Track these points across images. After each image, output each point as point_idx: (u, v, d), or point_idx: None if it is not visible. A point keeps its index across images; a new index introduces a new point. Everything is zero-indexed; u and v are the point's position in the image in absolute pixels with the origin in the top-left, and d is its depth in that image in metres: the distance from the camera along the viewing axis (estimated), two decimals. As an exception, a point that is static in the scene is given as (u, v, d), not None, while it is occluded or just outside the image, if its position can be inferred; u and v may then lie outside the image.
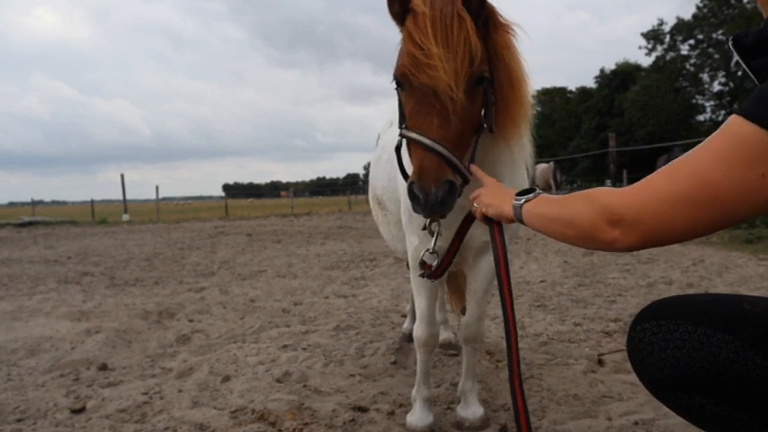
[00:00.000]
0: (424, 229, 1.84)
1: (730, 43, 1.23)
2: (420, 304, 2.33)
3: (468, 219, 1.91)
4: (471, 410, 2.43)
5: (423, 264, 1.85)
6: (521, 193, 1.50)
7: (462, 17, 1.55)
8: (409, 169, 1.65)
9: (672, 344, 1.32)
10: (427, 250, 1.84)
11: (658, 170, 1.19)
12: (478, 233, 2.20)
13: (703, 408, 1.30)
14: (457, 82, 1.51)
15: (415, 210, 1.58)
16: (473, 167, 1.67)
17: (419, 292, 2.31)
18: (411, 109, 1.59)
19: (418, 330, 2.37)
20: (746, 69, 1.24)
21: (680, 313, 1.36)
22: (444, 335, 3.57)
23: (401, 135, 1.64)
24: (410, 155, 1.60)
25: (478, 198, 1.64)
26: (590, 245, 1.31)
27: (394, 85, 1.72)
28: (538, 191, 1.49)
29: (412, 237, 2.26)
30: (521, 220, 1.47)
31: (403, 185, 2.37)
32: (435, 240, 1.81)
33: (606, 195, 1.25)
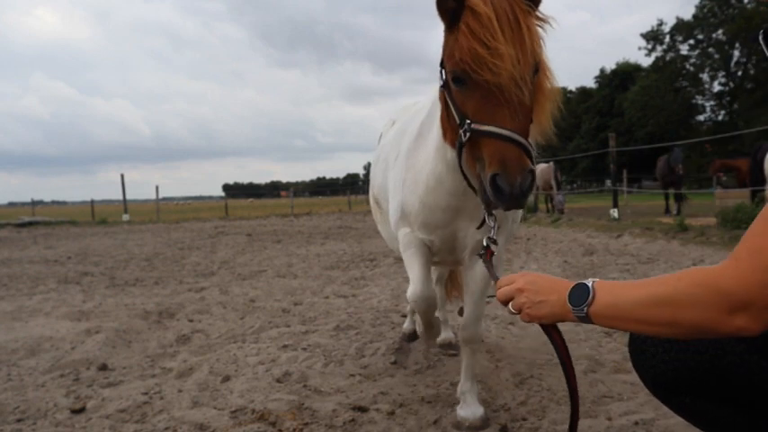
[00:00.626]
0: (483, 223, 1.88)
1: (760, 36, 1.19)
2: (413, 272, 2.33)
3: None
4: (471, 410, 2.44)
5: (485, 247, 1.82)
6: (575, 288, 1.25)
7: (524, 9, 1.58)
8: (466, 165, 1.69)
9: (675, 346, 1.32)
10: (489, 238, 1.82)
11: (759, 230, 1.01)
12: (473, 232, 2.22)
13: (705, 410, 1.30)
14: (525, 76, 1.53)
15: (496, 202, 1.55)
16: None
17: (411, 264, 2.33)
18: (477, 104, 1.56)
19: (412, 290, 2.32)
20: None
21: None
22: (444, 335, 3.57)
23: (470, 130, 1.56)
24: (479, 150, 1.56)
25: (518, 302, 1.38)
26: (701, 335, 1.12)
27: (442, 82, 1.71)
28: (592, 280, 1.24)
29: (402, 228, 2.35)
30: (587, 321, 1.23)
31: (396, 185, 2.38)
32: (494, 231, 1.83)
33: (716, 278, 1.03)
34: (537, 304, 1.32)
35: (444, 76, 1.70)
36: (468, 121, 1.57)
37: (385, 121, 3.55)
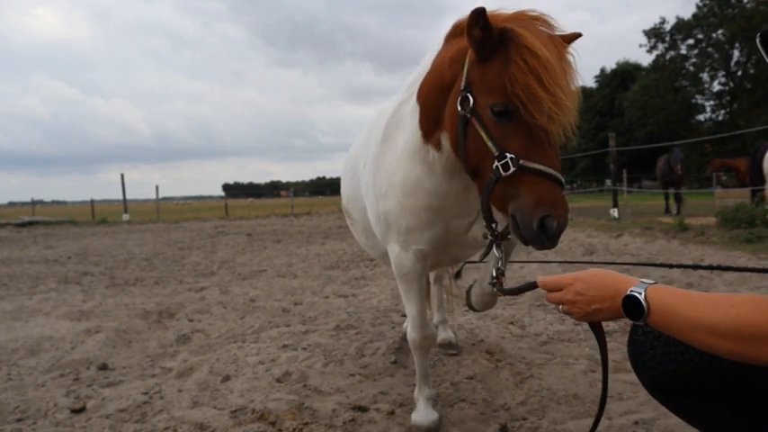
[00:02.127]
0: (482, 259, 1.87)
1: (758, 40, 1.19)
2: (410, 309, 2.34)
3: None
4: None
5: (494, 277, 1.79)
6: (628, 301, 1.20)
7: (566, 51, 1.59)
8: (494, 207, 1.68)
9: (674, 348, 1.32)
10: (498, 269, 1.78)
11: None
12: (462, 226, 2.21)
13: (704, 411, 1.30)
14: (572, 124, 1.56)
15: (537, 241, 1.53)
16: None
17: (408, 298, 2.32)
18: (523, 141, 1.55)
19: (412, 334, 2.39)
20: None
21: None
22: (444, 335, 3.57)
23: (518, 166, 1.53)
24: (520, 186, 1.54)
25: (570, 310, 1.33)
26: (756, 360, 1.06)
27: (465, 107, 1.66)
28: (644, 287, 1.19)
29: (391, 245, 2.26)
30: (641, 320, 1.19)
31: (368, 194, 2.32)
32: (502, 262, 1.81)
33: None
34: (591, 314, 1.29)
35: (473, 103, 1.65)
36: (513, 156, 1.54)
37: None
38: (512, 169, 1.54)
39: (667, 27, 44.16)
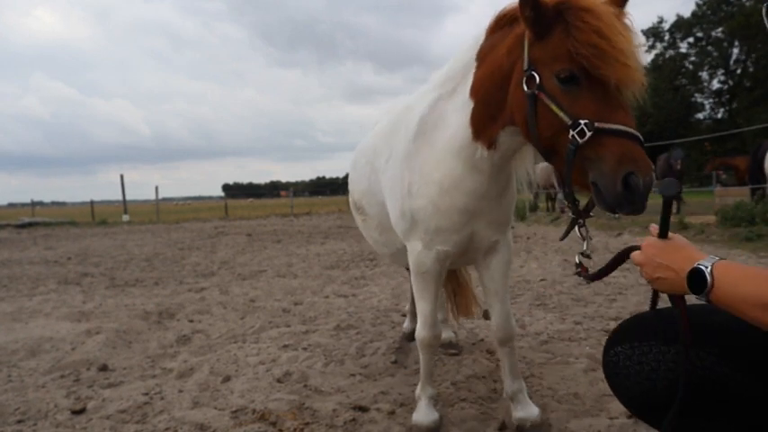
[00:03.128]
0: (566, 234, 1.79)
1: (763, 11, 1.20)
2: (423, 308, 2.33)
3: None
4: (529, 410, 2.39)
5: (578, 265, 1.68)
6: (694, 275, 1.19)
7: (627, 18, 1.59)
8: (543, 176, 1.60)
9: (647, 366, 1.34)
10: (582, 253, 1.69)
11: None
12: (488, 233, 2.20)
13: (684, 425, 1.30)
14: (643, 79, 1.53)
15: (625, 202, 1.47)
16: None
17: (423, 296, 2.31)
18: (595, 103, 1.52)
19: (422, 333, 2.37)
20: None
21: (651, 333, 1.38)
22: (444, 334, 3.56)
23: (594, 129, 1.48)
24: (600, 150, 1.49)
25: (646, 262, 1.32)
26: None
27: (530, 86, 1.64)
28: (711, 262, 1.19)
29: (413, 242, 2.23)
30: (705, 296, 1.16)
31: (393, 189, 2.27)
32: (587, 243, 1.71)
33: None
34: (656, 280, 1.29)
35: (539, 79, 1.63)
36: (587, 121, 1.50)
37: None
38: (588, 134, 1.49)
39: (666, 26, 44.12)
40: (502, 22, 1.86)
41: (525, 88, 1.66)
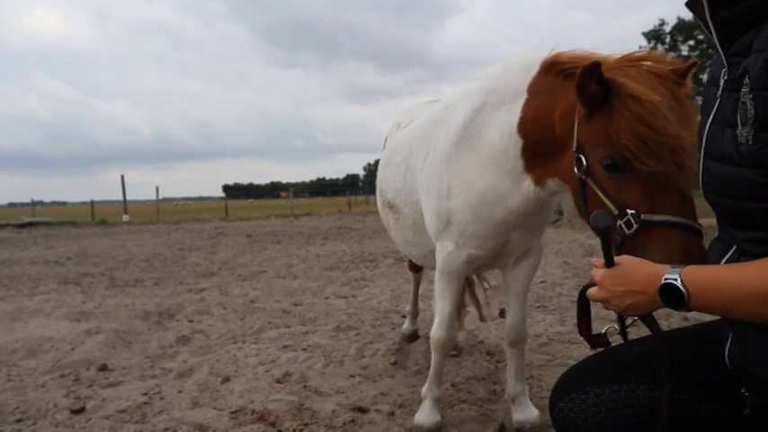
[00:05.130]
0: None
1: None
2: (444, 308, 2.32)
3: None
4: (529, 413, 2.43)
5: (598, 336, 1.50)
6: (666, 291, 1.15)
7: (683, 98, 1.47)
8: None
9: (589, 412, 1.34)
10: (614, 327, 1.53)
11: None
12: (524, 241, 2.20)
13: None
14: (696, 163, 1.37)
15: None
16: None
17: (444, 296, 2.30)
18: (644, 192, 1.41)
19: (438, 333, 2.36)
20: (705, 26, 1.21)
21: (584, 380, 1.39)
22: None
23: (639, 222, 1.38)
24: (647, 240, 1.38)
25: (610, 306, 1.28)
26: None
27: (581, 168, 1.54)
28: (678, 273, 1.14)
29: (445, 242, 2.20)
30: (685, 306, 1.12)
31: (429, 189, 2.23)
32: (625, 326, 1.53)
33: None
34: (627, 308, 1.24)
35: (586, 163, 1.54)
36: (634, 212, 1.40)
37: (389, 123, 3.44)
38: (634, 226, 1.39)
39: (667, 29, 44.16)
40: (558, 69, 1.76)
41: (576, 171, 1.58)
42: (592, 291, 1.32)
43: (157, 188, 24.38)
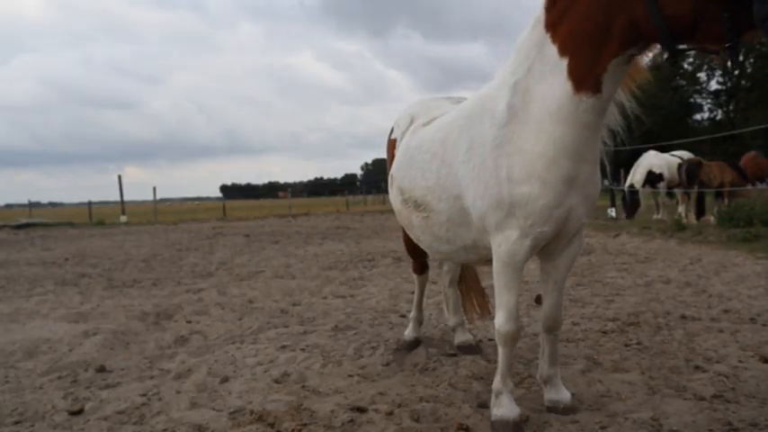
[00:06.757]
0: None
1: None
2: (509, 300, 2.33)
3: None
4: (562, 394, 2.55)
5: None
6: None
7: None
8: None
9: None
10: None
11: None
12: (581, 213, 2.26)
13: None
14: None
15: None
16: None
17: (509, 287, 2.31)
18: None
19: (506, 326, 2.35)
20: None
21: None
22: (463, 337, 3.54)
23: None
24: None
25: None
26: None
27: None
28: None
29: (508, 231, 2.21)
30: None
31: (480, 179, 2.25)
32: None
33: None
34: None
35: None
36: None
37: (395, 122, 3.33)
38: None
39: (665, 27, 44.26)
40: None
41: None
42: None
43: (155, 188, 24.41)
